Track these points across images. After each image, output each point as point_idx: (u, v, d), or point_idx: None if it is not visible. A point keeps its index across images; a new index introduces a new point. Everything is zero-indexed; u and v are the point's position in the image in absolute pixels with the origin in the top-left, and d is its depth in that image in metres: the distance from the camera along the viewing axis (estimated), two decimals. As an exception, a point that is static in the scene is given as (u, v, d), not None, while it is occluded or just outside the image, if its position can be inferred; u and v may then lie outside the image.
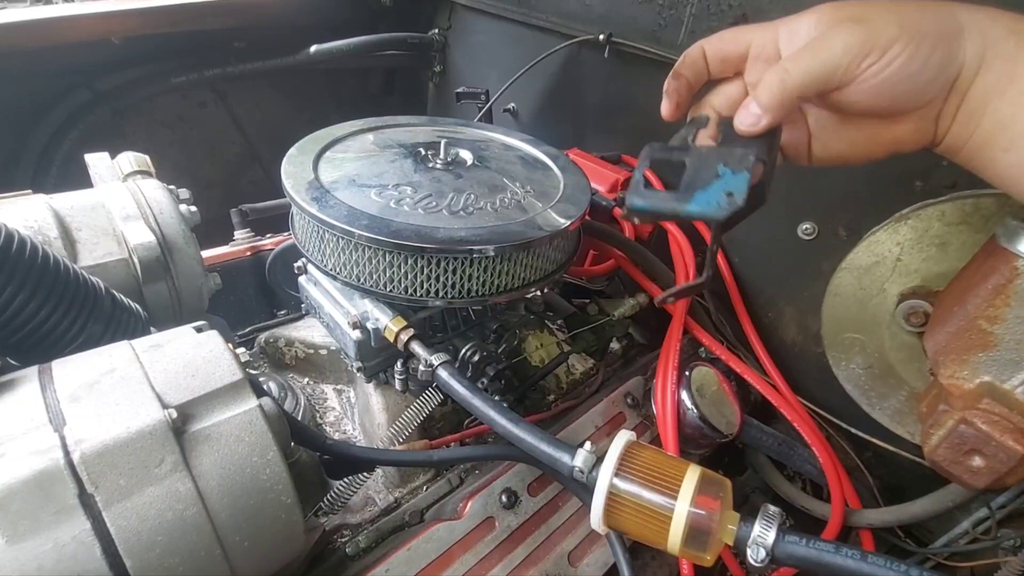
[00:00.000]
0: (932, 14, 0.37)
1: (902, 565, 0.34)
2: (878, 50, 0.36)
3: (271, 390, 0.70)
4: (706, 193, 0.40)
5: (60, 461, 0.31)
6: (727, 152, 0.40)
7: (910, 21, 0.37)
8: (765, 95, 0.40)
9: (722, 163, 0.40)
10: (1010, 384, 0.43)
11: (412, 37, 1.36)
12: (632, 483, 0.40)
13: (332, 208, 0.57)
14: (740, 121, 0.42)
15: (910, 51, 0.36)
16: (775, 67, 0.40)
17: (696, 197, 0.40)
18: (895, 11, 0.37)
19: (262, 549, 0.38)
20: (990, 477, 0.43)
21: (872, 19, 0.37)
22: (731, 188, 0.39)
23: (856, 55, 0.37)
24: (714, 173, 0.40)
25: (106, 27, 1.03)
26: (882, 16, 0.37)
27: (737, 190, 0.39)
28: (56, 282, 0.42)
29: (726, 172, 0.39)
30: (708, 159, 0.41)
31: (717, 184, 0.39)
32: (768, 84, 0.40)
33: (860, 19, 0.37)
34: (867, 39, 0.37)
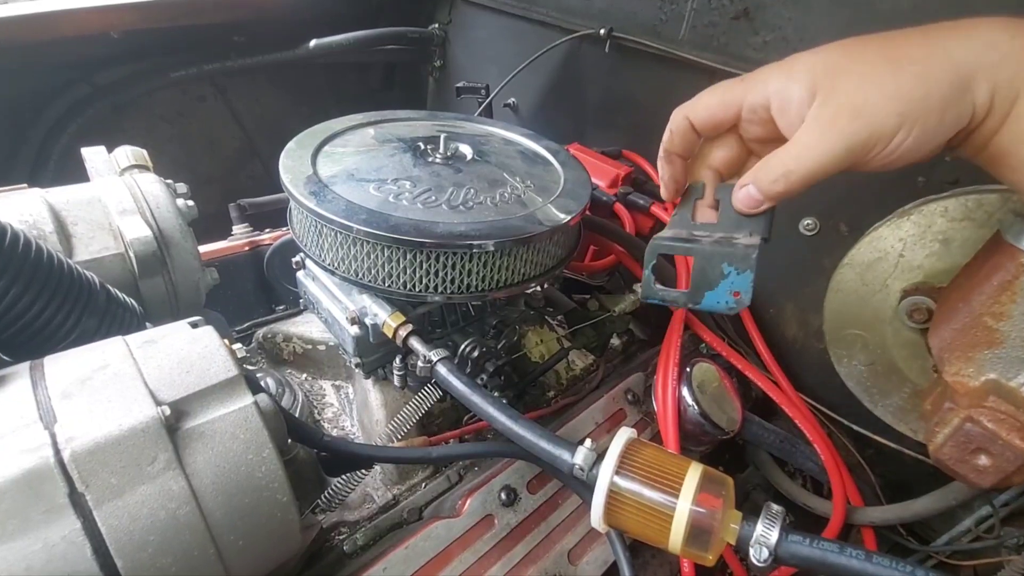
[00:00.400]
0: (935, 79, 0.35)
1: (907, 565, 0.34)
2: (882, 143, 0.36)
3: (268, 386, 0.69)
4: (714, 293, 0.42)
5: (50, 459, 0.30)
6: (730, 251, 0.41)
7: (911, 100, 0.35)
8: (767, 185, 0.40)
9: (726, 263, 0.41)
10: (1016, 382, 0.42)
11: (412, 32, 1.35)
12: (633, 481, 0.40)
13: (330, 203, 0.57)
14: (741, 203, 0.42)
15: (916, 134, 0.36)
16: (778, 159, 0.39)
17: (706, 298, 0.42)
18: (894, 86, 0.36)
19: (257, 548, 0.38)
20: (996, 476, 0.42)
21: (871, 110, 0.36)
22: (737, 287, 0.41)
23: (860, 153, 0.37)
24: (719, 273, 0.41)
25: (105, 21, 1.02)
26: (882, 105, 0.36)
27: (743, 289, 0.41)
28: (50, 277, 0.42)
29: (731, 272, 0.41)
30: (713, 258, 0.42)
31: (723, 284, 0.41)
32: (771, 176, 0.40)
33: (858, 112, 0.36)
34: (869, 137, 0.36)
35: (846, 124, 0.36)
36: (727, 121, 0.43)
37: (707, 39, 0.88)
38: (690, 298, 0.43)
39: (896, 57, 0.36)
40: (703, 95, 0.44)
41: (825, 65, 0.38)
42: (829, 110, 0.37)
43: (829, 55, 0.38)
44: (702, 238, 0.43)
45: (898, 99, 0.36)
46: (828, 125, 0.37)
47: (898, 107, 0.36)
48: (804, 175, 0.38)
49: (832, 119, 0.37)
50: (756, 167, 0.41)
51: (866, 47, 0.38)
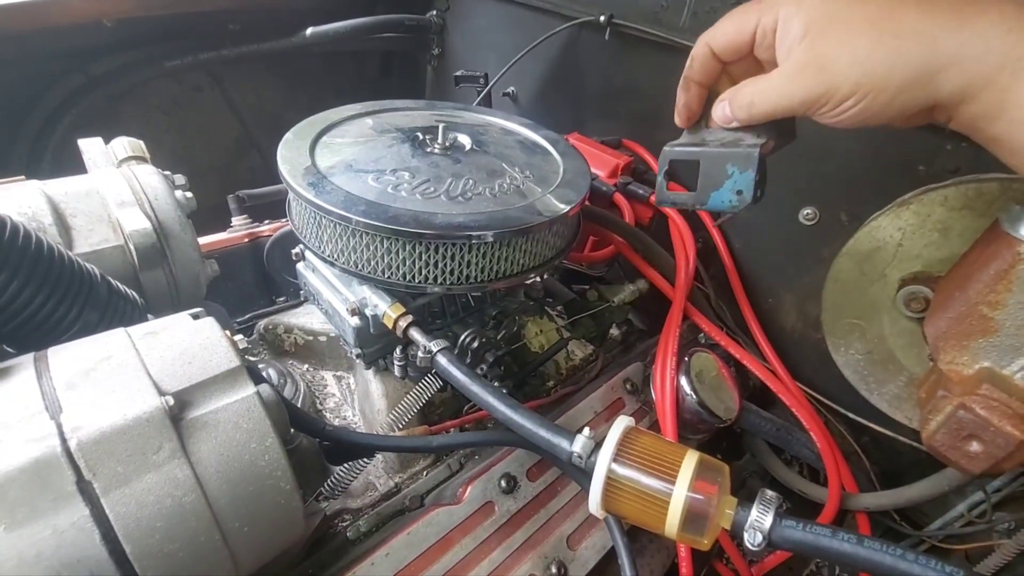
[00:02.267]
0: (904, 60, 0.37)
1: (898, 549, 0.35)
2: (832, 103, 0.39)
3: (271, 377, 0.70)
4: (719, 193, 0.46)
5: (57, 448, 0.30)
6: (734, 152, 0.45)
7: (871, 73, 0.37)
8: (736, 108, 0.44)
9: (730, 163, 0.45)
10: (1010, 370, 0.43)
11: (410, 19, 1.34)
12: (630, 468, 0.41)
13: (329, 194, 0.57)
14: (716, 116, 0.47)
15: (864, 105, 0.38)
16: (748, 89, 0.43)
17: (711, 198, 0.46)
18: (864, 53, 0.37)
19: (261, 534, 0.38)
20: (987, 462, 0.43)
21: (834, 69, 0.38)
22: (740, 187, 0.45)
23: (811, 105, 0.40)
24: (724, 174, 0.45)
25: (98, 9, 1.01)
26: (844, 67, 0.38)
27: (745, 187, 0.45)
28: (51, 269, 0.42)
29: (734, 171, 0.45)
30: (718, 160, 0.45)
31: (727, 184, 0.45)
32: (741, 102, 0.44)
33: (823, 68, 0.39)
34: (823, 94, 0.39)
35: (810, 76, 0.39)
36: (744, 45, 0.45)
37: (708, 26, 0.87)
38: (697, 199, 0.47)
39: (885, 26, 0.37)
40: (722, 20, 0.46)
41: (827, 10, 0.40)
42: (805, 57, 0.40)
43: (840, 3, 0.40)
44: (710, 143, 0.47)
45: (861, 67, 0.38)
46: (797, 71, 0.40)
47: (858, 75, 0.38)
48: (764, 111, 0.43)
49: (802, 67, 0.40)
50: (734, 88, 0.45)
51: (868, 4, 0.39)
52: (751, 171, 0.44)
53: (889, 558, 0.34)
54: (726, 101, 0.45)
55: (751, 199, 0.45)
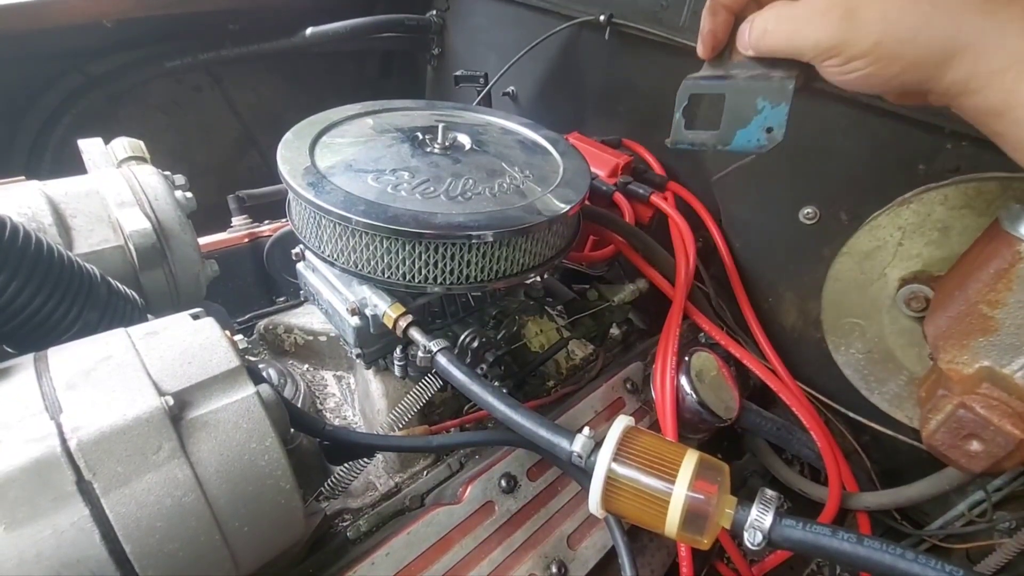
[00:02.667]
0: (926, 36, 0.35)
1: (898, 548, 0.35)
2: (842, 58, 0.37)
3: (271, 377, 0.70)
4: (746, 131, 0.41)
5: (57, 448, 0.31)
6: (765, 84, 0.40)
7: (895, 38, 0.36)
8: (750, 38, 0.41)
9: (761, 96, 0.40)
10: (1010, 369, 0.43)
11: (410, 19, 1.34)
12: (630, 468, 0.41)
13: (329, 194, 0.57)
14: (739, 42, 0.42)
15: (871, 70, 0.37)
16: (768, 14, 0.40)
17: (737, 136, 0.41)
18: (895, 14, 0.36)
19: (262, 534, 0.38)
20: (988, 461, 0.43)
21: (856, 22, 0.36)
22: (771, 123, 0.40)
23: (823, 53, 0.38)
24: (753, 108, 0.40)
25: (98, 9, 1.01)
26: (867, 23, 0.36)
27: (777, 124, 0.40)
28: (51, 269, 0.42)
29: (765, 106, 0.40)
30: (746, 93, 0.40)
31: (756, 120, 0.40)
32: (755, 32, 0.40)
33: (847, 17, 0.37)
34: (840, 43, 0.37)
35: (835, 20, 0.37)
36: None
37: (707, 26, 0.87)
38: (720, 139, 0.42)
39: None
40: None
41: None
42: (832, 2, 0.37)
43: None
44: (738, 76, 0.42)
45: (887, 28, 0.36)
46: (823, 11, 0.38)
47: (880, 33, 0.36)
48: (774, 44, 0.40)
49: (829, 7, 0.37)
50: (763, 11, 0.41)
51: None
52: (784, 105, 0.40)
53: (889, 557, 0.34)
54: (750, 25, 0.41)
55: (781, 137, 0.40)
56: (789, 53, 0.39)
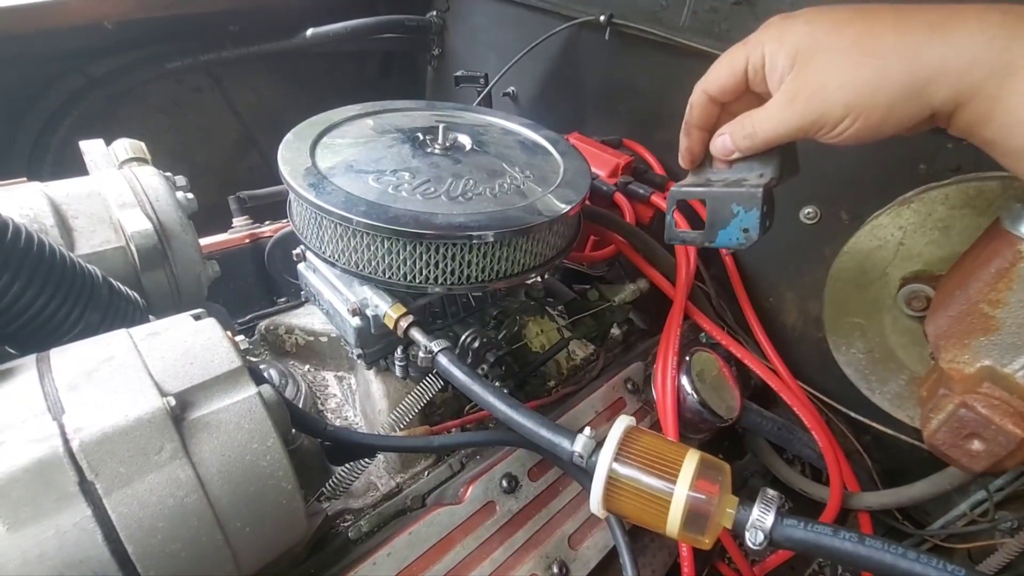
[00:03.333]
0: (890, 79, 0.38)
1: (899, 547, 0.35)
2: (828, 126, 0.41)
3: (272, 377, 0.70)
4: (726, 231, 0.48)
5: (59, 449, 0.31)
6: (738, 193, 0.46)
7: (860, 94, 0.39)
8: (738, 140, 0.46)
9: (735, 203, 0.46)
10: (1011, 368, 0.43)
11: (410, 19, 1.34)
12: (631, 468, 0.41)
13: (329, 194, 0.57)
14: (716, 150, 0.49)
15: (859, 125, 0.40)
16: (749, 120, 0.45)
17: (719, 236, 0.48)
18: (851, 76, 0.39)
19: (263, 534, 0.38)
20: (989, 461, 0.43)
21: (823, 95, 0.40)
22: (746, 225, 0.47)
23: (810, 130, 0.42)
24: (730, 212, 0.47)
25: (98, 10, 1.01)
26: (833, 92, 0.40)
27: (751, 226, 0.46)
28: (52, 270, 0.42)
29: (739, 210, 0.46)
30: (723, 200, 0.47)
31: (734, 223, 0.47)
32: (742, 133, 0.46)
33: (813, 95, 0.41)
34: (818, 119, 0.41)
35: (802, 103, 0.41)
36: (738, 84, 0.47)
37: (709, 25, 0.88)
38: (706, 237, 0.49)
39: (866, 47, 0.39)
40: (714, 66, 0.48)
41: (809, 40, 0.41)
42: (795, 86, 0.42)
43: (816, 29, 0.41)
44: (715, 183, 0.48)
45: (849, 90, 0.39)
46: (789, 100, 0.42)
47: (846, 97, 0.39)
48: (765, 139, 0.45)
49: (794, 95, 0.42)
50: (733, 121, 0.47)
51: (847, 29, 0.40)
52: (756, 210, 0.45)
53: (890, 556, 0.34)
54: (726, 134, 0.47)
55: (757, 236, 0.46)
56: (780, 141, 0.44)
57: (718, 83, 0.47)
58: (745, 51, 0.45)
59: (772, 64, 0.43)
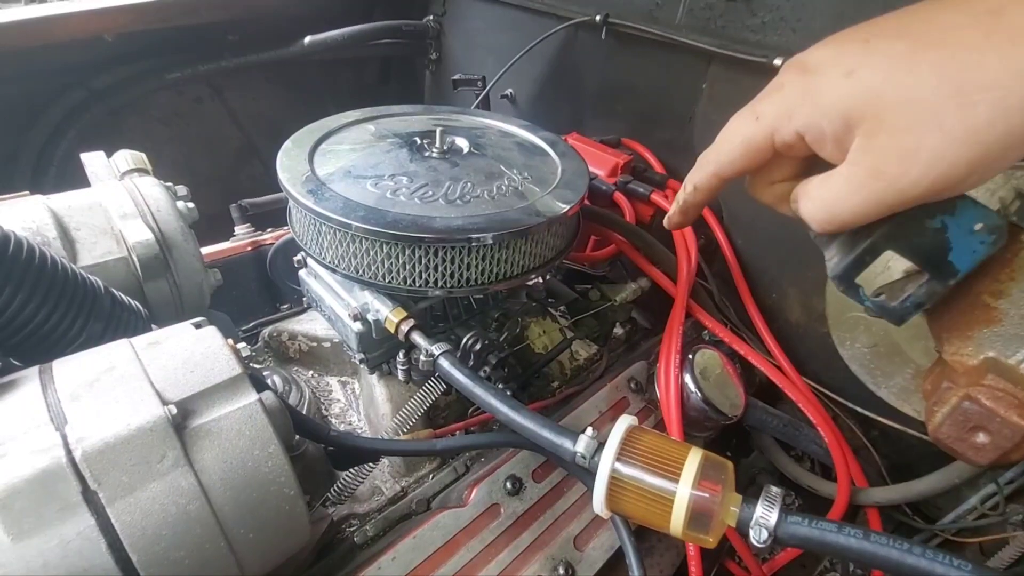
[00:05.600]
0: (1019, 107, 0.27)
1: (905, 543, 0.34)
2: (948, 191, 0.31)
3: (275, 384, 0.70)
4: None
5: (62, 459, 0.31)
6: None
7: (986, 144, 0.28)
8: (818, 224, 0.36)
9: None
10: (1015, 359, 0.42)
11: (407, 25, 1.35)
12: (634, 467, 0.40)
13: (328, 201, 0.57)
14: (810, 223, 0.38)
15: (989, 176, 0.30)
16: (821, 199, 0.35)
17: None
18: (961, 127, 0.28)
19: (267, 540, 0.39)
20: (995, 453, 0.43)
21: (929, 159, 0.29)
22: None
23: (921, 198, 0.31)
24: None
25: (98, 24, 1.02)
26: (946, 151, 0.29)
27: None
28: (55, 283, 0.43)
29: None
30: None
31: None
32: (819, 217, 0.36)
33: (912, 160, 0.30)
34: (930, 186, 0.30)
35: (896, 175, 0.30)
36: (760, 164, 0.38)
37: (704, 22, 0.87)
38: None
39: (964, 87, 0.28)
40: (724, 146, 0.39)
41: (870, 95, 0.30)
42: (873, 156, 0.31)
43: (868, 79, 0.30)
44: None
45: (969, 143, 0.28)
46: (871, 174, 0.31)
47: (969, 154, 0.28)
48: (843, 223, 0.34)
49: (876, 168, 0.31)
50: (802, 201, 0.36)
51: (918, 63, 0.29)
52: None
53: (896, 552, 0.34)
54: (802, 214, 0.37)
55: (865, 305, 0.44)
56: (877, 216, 0.33)
57: (737, 166, 0.38)
58: (765, 127, 0.35)
59: (817, 135, 0.33)
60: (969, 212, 0.37)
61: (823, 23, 0.74)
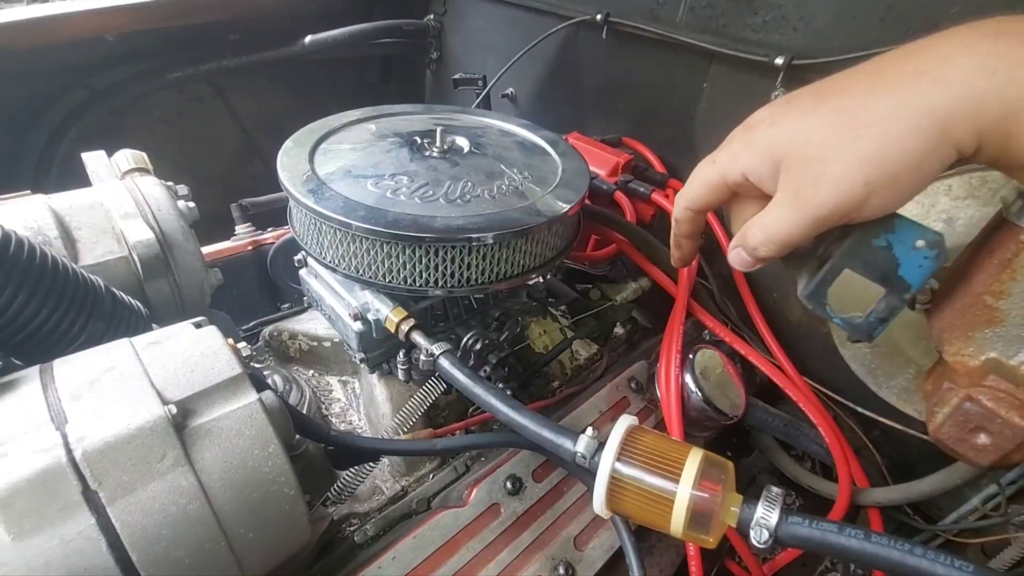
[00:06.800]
0: (898, 140, 0.35)
1: (906, 543, 0.34)
2: (854, 209, 0.37)
3: (276, 383, 0.70)
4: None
5: (63, 459, 0.31)
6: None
7: (874, 167, 0.35)
8: (752, 251, 0.43)
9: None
10: (1016, 360, 0.42)
11: (407, 24, 1.35)
12: (634, 467, 0.40)
13: (328, 200, 0.57)
14: (735, 263, 0.45)
15: (888, 195, 0.37)
16: (757, 227, 0.41)
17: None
18: (854, 155, 0.36)
19: (267, 540, 0.39)
20: (996, 454, 0.42)
21: (832, 180, 0.37)
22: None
23: (835, 219, 0.38)
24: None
25: (100, 24, 1.02)
26: (843, 174, 0.36)
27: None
28: (56, 282, 0.43)
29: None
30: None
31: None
32: (753, 243, 0.42)
33: (820, 183, 0.37)
34: (836, 206, 0.37)
35: (810, 196, 0.38)
36: (722, 198, 0.45)
37: (706, 21, 0.87)
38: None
39: (853, 124, 0.36)
40: (691, 184, 0.46)
41: (784, 136, 0.39)
42: (793, 184, 0.39)
43: (786, 126, 0.39)
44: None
45: (861, 168, 0.36)
46: (794, 198, 0.39)
47: (863, 176, 0.36)
48: (782, 243, 0.41)
49: (797, 192, 0.38)
50: (741, 231, 0.43)
51: (821, 110, 0.38)
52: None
53: (897, 553, 0.34)
54: (739, 247, 0.44)
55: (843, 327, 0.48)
56: (803, 240, 0.40)
57: (703, 201, 0.46)
58: (719, 170, 0.43)
59: (758, 175, 0.40)
60: (908, 230, 0.42)
61: (824, 22, 0.74)
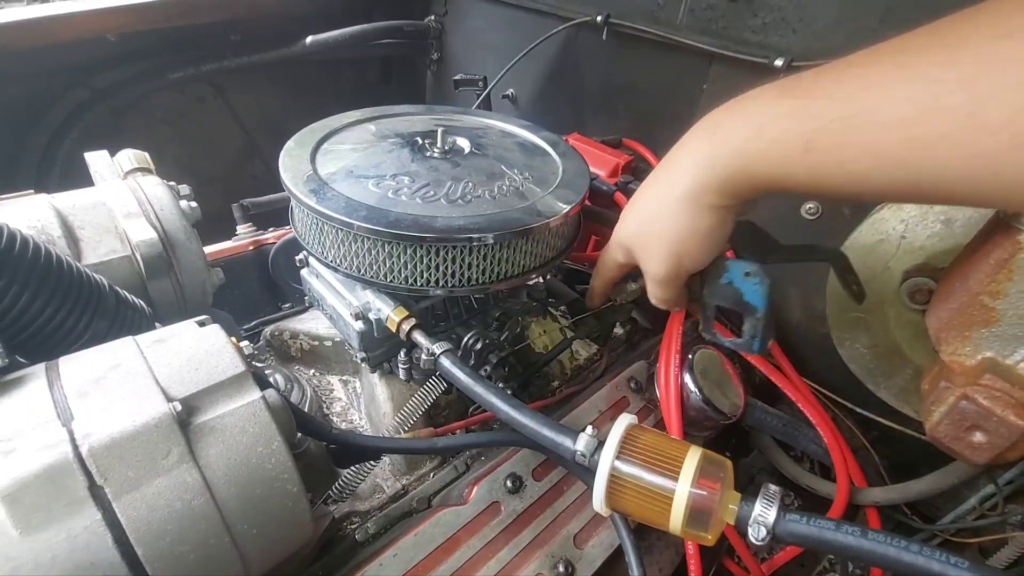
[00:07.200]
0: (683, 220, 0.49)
1: (902, 541, 0.35)
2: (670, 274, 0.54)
3: (277, 382, 0.70)
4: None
5: (69, 455, 0.31)
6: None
7: (673, 245, 0.51)
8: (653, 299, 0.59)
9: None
10: (1012, 359, 0.43)
11: (408, 25, 1.35)
12: (633, 466, 0.41)
13: (330, 200, 0.58)
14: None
15: (685, 263, 0.52)
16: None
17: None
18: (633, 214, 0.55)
19: (270, 536, 0.39)
20: (992, 452, 0.43)
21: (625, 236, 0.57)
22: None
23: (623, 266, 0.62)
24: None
25: (101, 24, 1.03)
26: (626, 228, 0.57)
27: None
28: (60, 281, 0.43)
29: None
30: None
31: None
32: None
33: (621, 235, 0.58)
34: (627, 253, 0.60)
35: (651, 269, 0.54)
36: (621, 273, 0.64)
37: (706, 23, 0.88)
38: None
39: (650, 216, 0.51)
40: (601, 261, 0.65)
41: (626, 232, 0.56)
42: (641, 262, 0.56)
43: (625, 222, 0.56)
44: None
45: (663, 246, 0.51)
46: (645, 271, 0.56)
47: (666, 250, 0.51)
48: (658, 299, 0.58)
49: (644, 268, 0.56)
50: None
51: (636, 205, 0.54)
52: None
53: (893, 550, 0.34)
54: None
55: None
56: (609, 277, 0.65)
57: (609, 277, 0.65)
58: (610, 254, 0.61)
59: (628, 258, 0.58)
60: (736, 267, 0.52)
61: (824, 23, 0.74)
